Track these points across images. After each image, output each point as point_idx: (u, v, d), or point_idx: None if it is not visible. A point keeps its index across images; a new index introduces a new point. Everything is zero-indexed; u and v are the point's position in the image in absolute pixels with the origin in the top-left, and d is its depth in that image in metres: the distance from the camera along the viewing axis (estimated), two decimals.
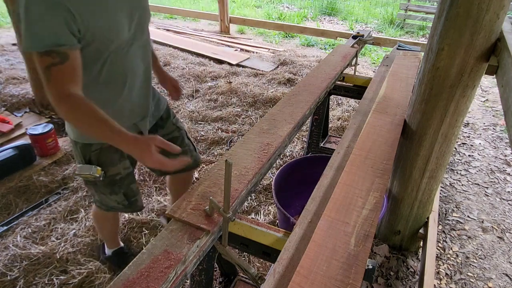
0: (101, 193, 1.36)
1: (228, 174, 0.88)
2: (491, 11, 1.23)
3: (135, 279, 0.82)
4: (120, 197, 1.36)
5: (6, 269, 1.76)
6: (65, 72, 0.93)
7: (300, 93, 1.83)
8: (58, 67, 0.92)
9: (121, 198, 1.36)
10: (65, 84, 0.93)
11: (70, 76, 0.94)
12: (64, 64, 0.92)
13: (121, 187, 1.35)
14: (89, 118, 0.95)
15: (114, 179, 1.32)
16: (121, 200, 1.37)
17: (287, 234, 1.12)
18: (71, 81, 0.95)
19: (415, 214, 1.86)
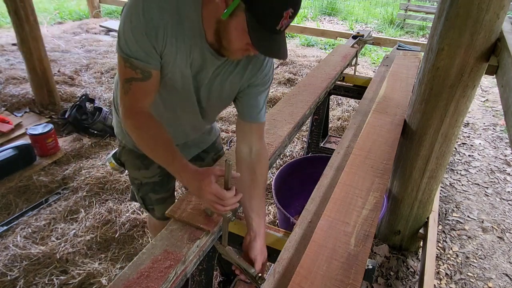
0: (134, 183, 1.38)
1: (228, 174, 0.87)
2: (491, 11, 1.23)
3: (135, 279, 0.82)
4: (139, 200, 1.38)
5: (6, 269, 1.76)
6: (144, 89, 0.93)
7: (300, 93, 1.83)
8: (139, 84, 0.91)
9: (140, 201, 1.38)
10: (140, 101, 0.94)
11: (147, 94, 0.95)
12: (145, 82, 0.91)
13: (139, 191, 1.35)
14: (153, 140, 0.95)
15: (133, 182, 1.35)
16: (141, 203, 1.39)
17: (287, 234, 1.12)
18: (146, 99, 0.95)
19: (415, 214, 1.86)
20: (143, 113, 0.95)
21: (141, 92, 0.93)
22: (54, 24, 6.09)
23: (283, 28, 0.82)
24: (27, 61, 3.04)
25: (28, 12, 2.89)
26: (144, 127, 0.95)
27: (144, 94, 0.94)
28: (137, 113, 0.95)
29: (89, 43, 5.11)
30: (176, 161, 0.94)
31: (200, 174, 0.91)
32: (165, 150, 0.95)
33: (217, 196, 0.89)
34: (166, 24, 0.87)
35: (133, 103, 0.94)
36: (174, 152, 0.94)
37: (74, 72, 4.03)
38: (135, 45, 0.86)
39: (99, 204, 2.19)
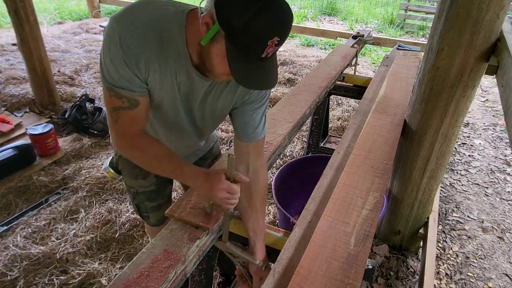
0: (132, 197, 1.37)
1: (231, 168, 0.88)
2: (491, 11, 1.23)
3: (135, 279, 0.82)
4: (134, 207, 1.38)
5: (6, 269, 1.76)
6: (134, 117, 0.91)
7: (300, 92, 1.83)
8: (127, 112, 0.89)
9: (135, 208, 1.38)
10: (132, 127, 0.92)
11: (138, 121, 0.93)
12: (132, 110, 0.89)
13: (135, 199, 1.35)
14: (157, 159, 0.94)
15: (129, 189, 1.34)
16: (136, 210, 1.38)
17: (287, 234, 1.12)
18: (138, 124, 0.93)
19: (415, 214, 1.86)
20: (138, 136, 0.94)
21: (130, 120, 0.91)
22: (54, 24, 6.09)
23: (270, 55, 0.77)
24: (27, 61, 3.04)
25: (28, 12, 2.89)
26: (144, 148, 0.94)
27: (134, 121, 0.92)
28: (132, 137, 0.93)
29: (89, 43, 5.11)
30: (185, 171, 0.94)
31: (210, 175, 0.91)
32: (171, 164, 0.94)
33: (229, 192, 0.90)
34: (146, 51, 0.83)
35: (125, 131, 0.92)
36: (180, 164, 0.94)
37: (74, 72, 4.03)
38: (117, 74, 0.83)
39: (99, 204, 2.19)
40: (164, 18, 0.84)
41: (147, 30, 0.82)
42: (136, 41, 0.82)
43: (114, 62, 0.83)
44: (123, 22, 0.82)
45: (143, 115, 0.93)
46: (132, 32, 0.81)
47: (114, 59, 0.82)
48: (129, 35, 0.81)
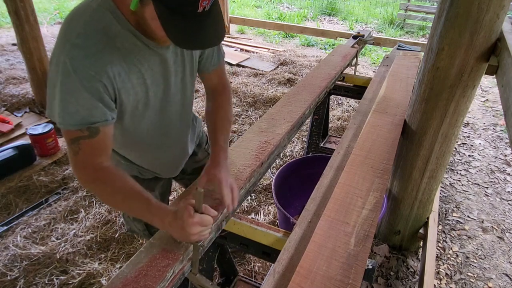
0: (126, 215, 1.31)
1: (199, 202, 0.83)
2: (491, 11, 1.23)
3: (133, 278, 0.82)
4: (142, 226, 1.29)
5: (6, 269, 1.76)
6: (95, 146, 0.83)
7: (299, 92, 1.83)
8: (87, 141, 0.82)
9: (143, 227, 1.30)
10: (95, 158, 0.84)
11: (100, 150, 0.85)
12: (94, 138, 0.82)
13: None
14: (122, 193, 0.85)
15: None
16: (143, 229, 1.30)
17: (287, 234, 1.12)
18: (101, 154, 0.86)
19: (415, 214, 1.86)
20: (101, 168, 0.85)
21: (92, 149, 0.83)
22: (54, 24, 6.09)
23: (207, 8, 0.70)
24: (27, 61, 3.04)
25: (28, 12, 2.89)
26: (108, 181, 0.85)
27: (96, 151, 0.84)
28: (94, 170, 0.84)
29: None
30: (152, 207, 0.85)
31: (178, 212, 0.83)
32: (137, 200, 0.85)
33: (201, 225, 0.83)
34: (103, 68, 0.78)
35: (87, 161, 0.84)
36: (147, 199, 0.85)
37: None
38: (74, 108, 0.77)
39: (99, 204, 2.19)
40: (94, 16, 0.77)
41: (90, 39, 0.76)
42: (90, 65, 0.76)
43: (72, 94, 0.76)
44: (63, 48, 0.75)
45: (106, 144, 0.86)
46: (78, 50, 0.75)
47: (70, 91, 0.76)
48: (77, 54, 0.75)
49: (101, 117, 0.81)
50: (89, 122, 0.80)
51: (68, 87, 0.76)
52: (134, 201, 0.85)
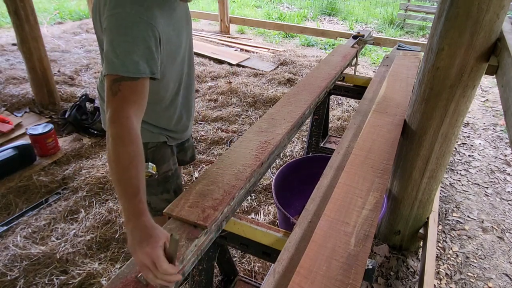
0: (152, 194, 1.31)
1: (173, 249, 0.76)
2: (491, 11, 1.23)
3: (133, 278, 0.82)
4: (171, 195, 1.33)
5: (6, 269, 1.76)
6: (133, 89, 0.87)
7: (299, 92, 1.83)
8: (128, 83, 0.86)
9: (171, 196, 1.33)
10: (129, 104, 0.86)
11: (136, 96, 0.88)
12: (135, 82, 0.86)
13: (172, 183, 1.33)
14: (129, 159, 0.83)
15: (167, 175, 1.31)
16: (170, 198, 1.32)
17: (287, 234, 1.12)
18: (135, 102, 0.87)
19: (415, 214, 1.86)
20: (128, 123, 0.85)
21: (131, 92, 0.86)
22: (54, 24, 6.09)
23: None
24: (27, 61, 3.04)
25: (28, 12, 2.89)
26: (126, 139, 0.84)
27: (133, 96, 0.87)
28: (122, 120, 0.84)
29: (89, 43, 5.12)
30: (139, 198, 0.81)
31: (151, 231, 0.79)
32: (135, 178, 0.82)
33: (153, 263, 0.75)
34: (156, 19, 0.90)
35: (123, 107, 0.85)
36: (142, 187, 0.83)
37: (74, 72, 4.03)
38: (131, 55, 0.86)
39: (99, 204, 2.19)
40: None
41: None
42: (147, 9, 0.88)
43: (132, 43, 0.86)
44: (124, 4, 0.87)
45: (143, 94, 0.89)
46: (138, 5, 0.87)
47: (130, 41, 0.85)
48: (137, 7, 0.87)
49: (150, 68, 0.90)
50: (138, 71, 0.87)
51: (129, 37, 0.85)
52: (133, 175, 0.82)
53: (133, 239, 0.78)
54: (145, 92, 0.90)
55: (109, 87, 0.86)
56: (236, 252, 1.92)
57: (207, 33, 5.97)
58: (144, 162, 0.87)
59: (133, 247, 0.78)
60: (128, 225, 0.80)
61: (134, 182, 0.82)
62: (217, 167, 1.21)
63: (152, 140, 1.24)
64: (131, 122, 0.85)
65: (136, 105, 0.87)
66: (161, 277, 0.76)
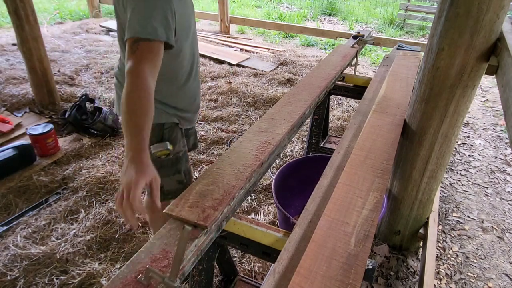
0: (166, 176, 1.40)
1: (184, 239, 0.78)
2: (491, 11, 1.23)
3: (133, 278, 0.82)
4: (182, 176, 1.44)
5: (6, 269, 1.76)
6: (151, 49, 0.99)
7: (299, 92, 1.83)
8: (146, 43, 0.98)
9: (182, 177, 1.44)
10: (146, 61, 0.97)
11: (153, 56, 0.99)
12: (151, 43, 0.99)
13: (182, 164, 1.44)
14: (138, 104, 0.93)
15: (178, 156, 1.42)
16: (182, 179, 1.44)
17: (287, 234, 1.12)
18: (151, 62, 0.99)
19: (415, 214, 1.86)
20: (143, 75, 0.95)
21: (148, 51, 0.98)
22: (54, 24, 6.09)
23: None
24: (27, 61, 3.04)
25: (28, 12, 2.89)
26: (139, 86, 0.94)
27: (149, 54, 0.98)
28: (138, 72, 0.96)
29: (89, 43, 5.12)
30: (142, 136, 0.90)
31: (145, 167, 0.87)
32: (142, 120, 0.92)
33: (129, 189, 0.83)
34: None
35: (140, 61, 0.97)
36: (147, 130, 0.92)
37: (74, 72, 4.03)
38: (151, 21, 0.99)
39: (99, 204, 2.19)
40: None
41: None
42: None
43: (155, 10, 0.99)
44: None
45: (159, 54, 1.01)
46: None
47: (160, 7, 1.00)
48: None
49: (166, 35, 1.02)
50: (156, 35, 0.99)
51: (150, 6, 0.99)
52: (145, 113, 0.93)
53: (127, 166, 0.87)
54: (159, 54, 1.02)
55: (130, 47, 0.98)
56: (236, 252, 1.92)
57: (207, 33, 5.97)
58: (152, 114, 0.96)
59: (124, 172, 0.87)
60: (127, 155, 0.89)
61: (140, 123, 0.92)
62: (217, 167, 1.21)
63: (168, 121, 1.35)
64: (145, 75, 0.96)
65: (151, 64, 0.99)
66: (125, 205, 0.83)
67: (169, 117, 1.35)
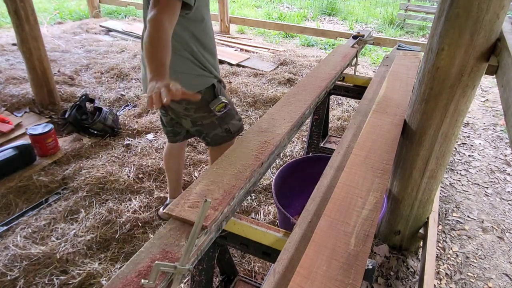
0: (231, 120, 1.76)
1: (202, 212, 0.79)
2: (491, 11, 1.23)
3: (133, 278, 0.82)
4: (238, 116, 1.82)
5: (6, 269, 1.76)
6: (170, 3, 1.24)
7: (299, 92, 1.83)
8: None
9: (239, 116, 1.83)
10: (165, 13, 1.22)
11: (171, 10, 1.24)
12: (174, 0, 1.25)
13: (231, 110, 1.76)
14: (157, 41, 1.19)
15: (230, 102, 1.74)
16: (239, 117, 1.83)
17: (287, 234, 1.12)
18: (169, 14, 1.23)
19: (415, 214, 1.86)
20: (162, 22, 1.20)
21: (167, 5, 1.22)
22: (54, 24, 6.09)
23: None
24: (27, 61, 3.04)
25: (28, 12, 2.89)
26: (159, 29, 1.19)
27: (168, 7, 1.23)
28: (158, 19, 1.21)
29: (89, 43, 5.12)
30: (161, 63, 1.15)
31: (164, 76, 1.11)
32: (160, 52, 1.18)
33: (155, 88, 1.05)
34: None
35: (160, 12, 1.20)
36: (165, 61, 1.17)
37: (74, 72, 4.03)
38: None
39: (99, 204, 2.19)
40: None
41: None
42: None
43: None
44: None
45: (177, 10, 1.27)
46: None
47: None
48: None
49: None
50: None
51: None
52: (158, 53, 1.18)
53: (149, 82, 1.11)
54: (176, 9, 1.27)
55: (153, 2, 1.23)
56: (236, 252, 1.92)
57: None
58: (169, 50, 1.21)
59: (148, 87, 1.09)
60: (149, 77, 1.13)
61: (159, 54, 1.17)
62: (217, 167, 1.21)
63: (213, 82, 1.65)
64: (163, 23, 1.21)
65: (169, 15, 1.23)
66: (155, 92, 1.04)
67: (214, 79, 1.65)
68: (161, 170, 2.53)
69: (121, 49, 4.87)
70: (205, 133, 1.76)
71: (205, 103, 1.64)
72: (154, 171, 2.50)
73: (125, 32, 5.64)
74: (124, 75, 4.06)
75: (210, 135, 1.76)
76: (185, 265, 0.82)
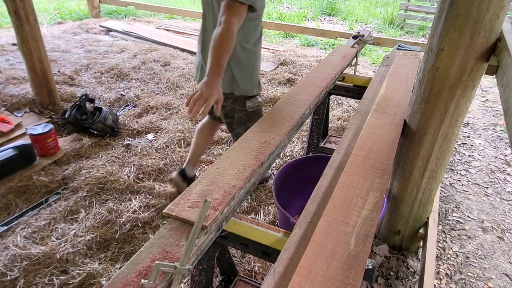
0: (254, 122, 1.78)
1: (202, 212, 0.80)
2: (491, 11, 1.23)
3: (133, 278, 0.82)
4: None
5: (6, 269, 1.76)
6: (240, 9, 1.42)
7: (299, 92, 1.83)
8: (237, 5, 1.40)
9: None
10: (235, 17, 1.40)
11: (240, 14, 1.42)
12: (241, 5, 1.41)
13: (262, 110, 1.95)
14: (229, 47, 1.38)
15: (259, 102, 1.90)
16: None
17: (287, 234, 1.12)
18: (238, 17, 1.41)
19: (415, 214, 1.86)
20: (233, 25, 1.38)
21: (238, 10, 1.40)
22: (54, 24, 6.09)
23: None
24: (27, 61, 3.04)
25: (28, 12, 2.89)
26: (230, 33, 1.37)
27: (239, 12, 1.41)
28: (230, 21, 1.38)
29: (89, 43, 5.12)
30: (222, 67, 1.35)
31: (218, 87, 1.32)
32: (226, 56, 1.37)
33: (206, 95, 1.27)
34: None
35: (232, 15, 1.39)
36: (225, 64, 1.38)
37: (74, 72, 4.03)
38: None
39: (99, 204, 2.19)
40: None
41: None
42: None
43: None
44: None
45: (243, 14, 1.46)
46: None
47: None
48: None
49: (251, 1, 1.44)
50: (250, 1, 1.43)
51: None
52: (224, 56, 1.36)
53: (207, 83, 1.30)
54: (244, 13, 1.44)
55: (227, 5, 1.40)
56: (236, 252, 1.92)
57: None
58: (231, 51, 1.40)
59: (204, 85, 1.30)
60: (209, 76, 1.33)
61: (225, 58, 1.36)
62: (217, 167, 1.21)
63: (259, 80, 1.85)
64: (234, 26, 1.39)
65: (238, 18, 1.42)
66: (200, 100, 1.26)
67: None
68: (161, 170, 2.53)
69: (121, 49, 4.87)
70: (232, 128, 1.96)
71: (244, 98, 1.82)
72: (154, 171, 2.50)
73: (125, 32, 5.63)
74: (124, 75, 4.06)
75: (235, 131, 1.94)
76: (185, 265, 0.82)
